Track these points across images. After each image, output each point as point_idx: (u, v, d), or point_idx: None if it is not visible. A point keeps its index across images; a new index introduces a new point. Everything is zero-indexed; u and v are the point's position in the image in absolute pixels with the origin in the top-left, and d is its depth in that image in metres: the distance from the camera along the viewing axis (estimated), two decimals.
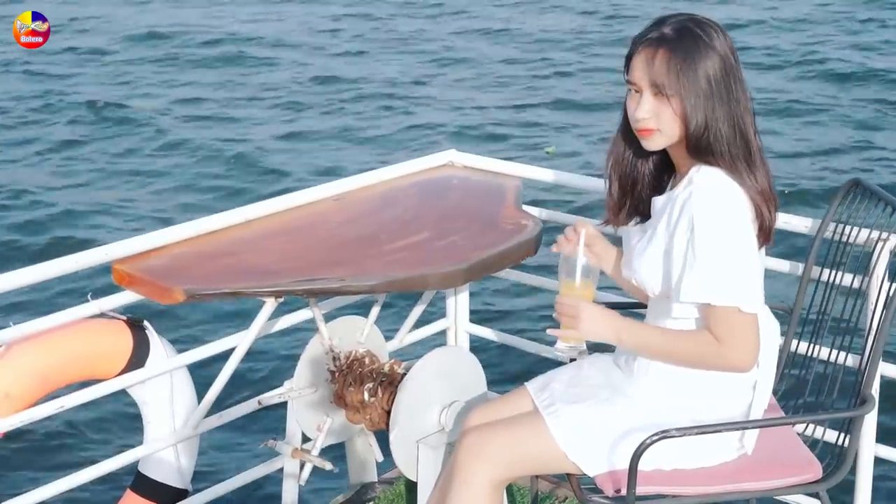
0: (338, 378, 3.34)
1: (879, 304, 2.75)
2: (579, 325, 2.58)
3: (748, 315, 2.49)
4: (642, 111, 2.54)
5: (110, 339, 3.25)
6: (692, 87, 2.47)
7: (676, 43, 2.48)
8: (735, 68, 2.51)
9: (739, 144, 2.50)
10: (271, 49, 14.35)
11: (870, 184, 2.93)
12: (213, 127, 11.15)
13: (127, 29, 15.49)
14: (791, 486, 2.66)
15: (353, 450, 3.67)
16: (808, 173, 9.18)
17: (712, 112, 2.48)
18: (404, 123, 11.16)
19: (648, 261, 2.60)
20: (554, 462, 2.69)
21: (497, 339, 3.99)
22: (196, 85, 12.79)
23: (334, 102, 11.96)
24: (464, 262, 3.00)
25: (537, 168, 3.76)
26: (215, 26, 15.58)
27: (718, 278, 2.46)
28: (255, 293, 2.88)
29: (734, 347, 2.50)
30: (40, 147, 10.57)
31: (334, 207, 3.43)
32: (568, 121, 11.17)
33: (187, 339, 5.66)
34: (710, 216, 2.46)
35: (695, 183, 2.51)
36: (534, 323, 6.11)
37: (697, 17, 2.55)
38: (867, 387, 2.68)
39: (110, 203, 8.95)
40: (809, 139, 10.14)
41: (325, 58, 13.88)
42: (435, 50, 14.11)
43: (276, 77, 13.00)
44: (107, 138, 10.83)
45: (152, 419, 3.35)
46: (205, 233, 3.15)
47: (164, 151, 10.42)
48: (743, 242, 2.48)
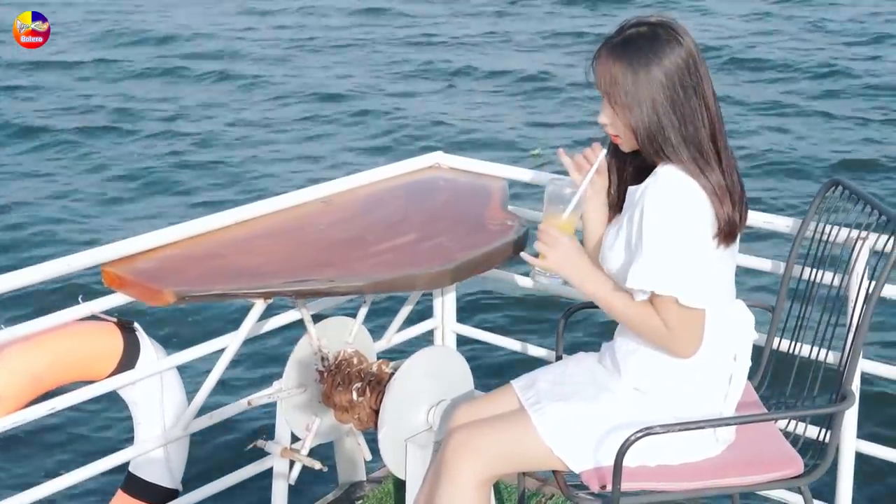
0: (326, 378, 3.37)
1: (859, 302, 2.80)
2: (551, 255, 2.64)
3: (693, 309, 2.54)
4: (601, 118, 2.64)
5: (101, 340, 3.27)
6: (636, 97, 2.54)
7: (623, 53, 2.55)
8: (689, 72, 2.55)
9: (690, 147, 2.54)
10: (252, 55, 14.33)
11: (849, 183, 2.97)
12: (198, 131, 11.15)
13: (119, 28, 15.49)
14: (774, 481, 2.70)
15: (342, 449, 3.70)
16: (789, 173, 9.22)
17: (657, 119, 2.54)
18: (388, 127, 11.17)
19: (616, 252, 2.67)
20: (540, 459, 2.73)
21: (483, 338, 4.03)
22: (179, 88, 12.78)
23: (320, 106, 11.96)
24: (451, 263, 3.03)
25: (522, 169, 3.80)
26: (210, 32, 15.55)
27: (659, 267, 2.52)
28: (244, 295, 2.91)
29: (676, 336, 2.58)
30: (28, 150, 10.56)
31: (322, 209, 3.46)
32: (554, 123, 11.21)
33: (177, 340, 5.67)
34: (658, 208, 2.52)
35: (652, 178, 2.57)
36: (520, 322, 6.14)
37: (657, 22, 2.59)
38: (848, 383, 2.73)
39: (100, 206, 8.95)
40: (790, 139, 10.18)
41: (309, 63, 13.86)
42: (416, 55, 14.11)
43: (263, 83, 12.99)
44: (97, 140, 10.83)
45: (142, 420, 3.37)
46: (194, 235, 3.17)
47: (153, 155, 10.42)
48: (689, 236, 2.53)
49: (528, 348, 3.86)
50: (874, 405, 4.23)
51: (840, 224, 2.96)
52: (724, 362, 2.70)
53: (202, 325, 6.27)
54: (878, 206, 2.79)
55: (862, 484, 3.22)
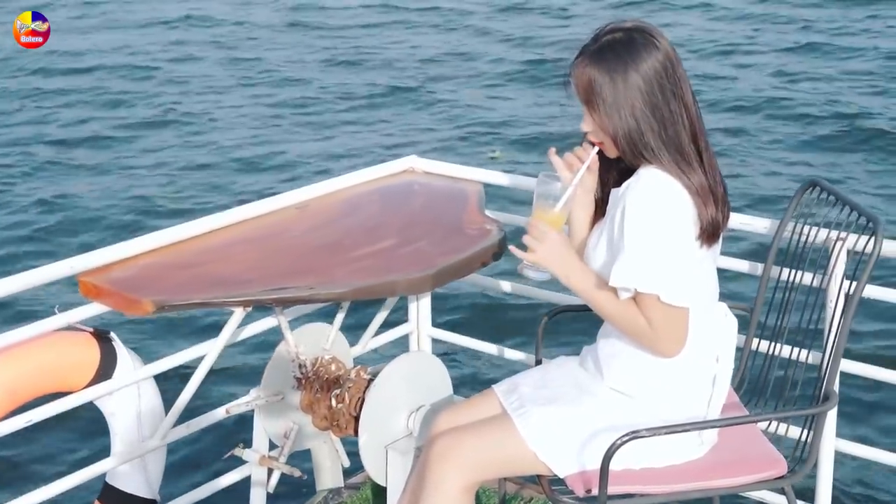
0: (304, 385, 3.36)
1: (839, 302, 2.82)
2: (539, 249, 2.63)
3: (676, 308, 2.55)
4: (584, 126, 2.65)
5: (77, 351, 3.23)
6: (614, 104, 2.54)
7: (600, 60, 2.55)
8: (667, 75, 2.55)
9: (671, 150, 2.55)
10: (228, 58, 14.21)
11: (827, 184, 2.98)
12: (170, 139, 11.04)
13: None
14: (758, 482, 2.71)
15: (320, 456, 3.68)
16: (767, 174, 9.25)
17: (637, 125, 2.54)
18: (359, 132, 11.12)
19: (599, 253, 2.67)
20: (524, 464, 2.73)
21: (459, 342, 4.02)
22: (155, 93, 12.65)
23: (292, 112, 11.89)
24: (430, 268, 3.02)
25: (498, 173, 3.79)
26: (185, 38, 15.42)
27: (641, 265, 2.52)
28: (224, 303, 2.88)
29: (660, 335, 2.58)
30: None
31: (298, 216, 3.44)
32: (512, 122, 11.22)
33: (154, 349, 5.63)
34: (639, 206, 2.52)
35: (634, 178, 2.58)
36: (496, 327, 6.13)
37: (632, 27, 2.59)
38: (830, 383, 2.74)
39: (75, 215, 8.85)
40: (768, 141, 10.22)
41: (280, 67, 13.79)
42: (386, 58, 14.08)
43: (234, 88, 12.88)
44: (70, 148, 10.70)
45: (119, 430, 3.34)
46: (170, 243, 3.14)
47: (126, 162, 10.29)
48: (671, 235, 2.53)
49: (505, 352, 3.86)
50: (851, 404, 4.26)
51: (819, 225, 2.97)
52: (707, 364, 2.71)
53: (179, 332, 6.21)
54: (857, 207, 2.80)
55: (841, 482, 3.23)
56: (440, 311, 5.98)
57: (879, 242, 2.65)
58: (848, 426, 3.53)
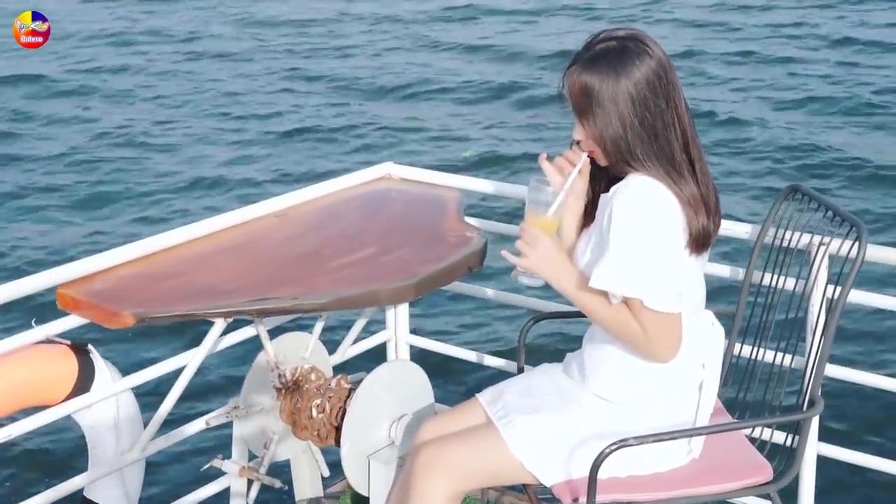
0: (284, 395, 3.33)
1: (822, 307, 2.82)
2: (531, 254, 2.61)
3: (668, 314, 2.54)
4: (576, 134, 2.64)
5: (55, 364, 3.18)
6: (605, 113, 2.53)
7: (593, 68, 2.53)
8: (660, 84, 2.54)
9: (662, 160, 2.54)
10: (195, 66, 14.10)
11: (809, 189, 2.98)
12: (141, 148, 10.92)
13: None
14: (745, 488, 2.71)
15: (299, 466, 3.65)
16: (748, 180, 9.25)
17: (624, 134, 2.53)
18: (330, 139, 11.07)
19: (588, 259, 2.65)
20: (510, 473, 2.72)
21: (438, 349, 4.00)
22: (123, 103, 12.51)
23: (261, 122, 11.81)
24: (413, 277, 3.00)
25: (475, 179, 3.78)
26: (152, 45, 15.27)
27: (623, 268, 2.51)
28: (206, 315, 2.85)
29: (653, 341, 2.57)
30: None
31: (276, 224, 3.41)
32: (486, 124, 11.22)
33: (132, 360, 5.57)
34: (627, 211, 2.51)
35: (623, 183, 2.57)
36: (474, 333, 6.12)
37: (626, 35, 2.57)
38: (815, 388, 2.74)
39: (51, 228, 8.73)
40: (749, 146, 10.23)
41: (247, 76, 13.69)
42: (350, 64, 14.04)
43: (198, 96, 12.77)
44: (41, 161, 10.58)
45: (98, 444, 3.30)
46: (148, 253, 3.10)
47: (100, 172, 10.16)
48: (659, 241, 2.52)
49: (485, 359, 3.85)
50: (827, 406, 4.26)
51: (801, 230, 2.98)
52: (693, 370, 2.70)
53: (157, 342, 6.14)
54: (840, 212, 2.80)
55: (823, 486, 3.24)
56: (418, 318, 5.98)
57: (863, 247, 2.66)
58: (828, 429, 3.54)
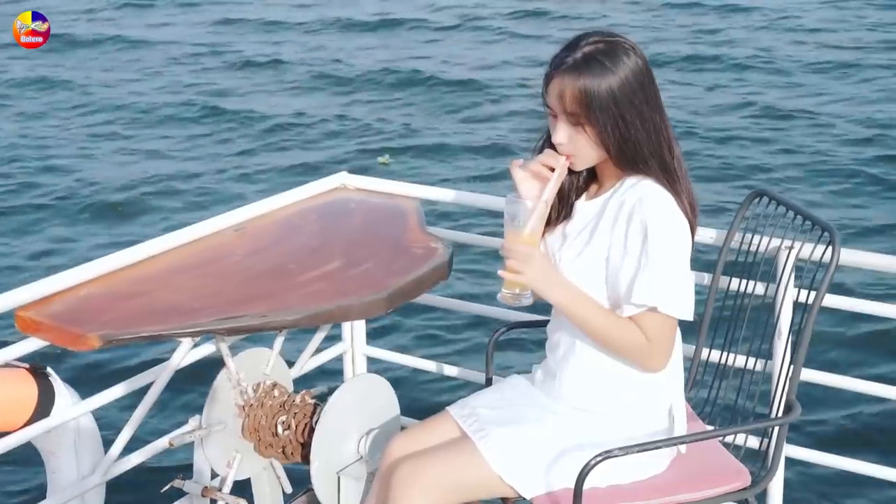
0: (248, 412, 3.27)
1: (790, 311, 2.84)
2: (527, 271, 2.55)
3: (673, 321, 2.56)
4: (559, 137, 2.59)
5: (14, 389, 3.09)
6: (604, 114, 2.51)
7: (586, 69, 2.51)
8: (646, 86, 2.54)
9: (657, 158, 2.55)
10: (148, 79, 13.81)
11: (774, 193, 3.00)
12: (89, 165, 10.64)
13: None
14: (723, 494, 2.71)
15: (261, 483, 3.58)
16: (712, 185, 9.27)
17: (628, 133, 2.52)
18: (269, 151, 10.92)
19: (585, 264, 2.62)
20: (490, 487, 2.68)
21: (396, 360, 3.96)
22: (75, 117, 12.21)
23: (211, 134, 11.60)
24: (383, 291, 2.94)
25: (432, 188, 3.75)
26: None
27: (669, 285, 2.51)
28: (174, 335, 2.77)
29: (657, 349, 2.57)
30: None
31: (235, 239, 3.33)
32: (400, 131, 11.20)
33: (92, 377, 5.43)
34: (665, 223, 2.52)
35: (641, 190, 2.55)
36: (431, 342, 6.08)
37: (610, 38, 2.56)
38: (791, 393, 2.76)
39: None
40: (713, 153, 10.28)
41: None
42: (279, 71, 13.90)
43: (149, 109, 12.49)
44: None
45: (57, 469, 3.21)
46: (108, 272, 3.01)
47: (54, 189, 9.88)
48: (686, 252, 2.55)
49: (445, 369, 3.82)
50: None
51: (767, 234, 2.99)
52: (668, 378, 2.70)
53: (117, 361, 6.00)
54: (810, 217, 2.82)
55: (793, 487, 3.27)
56: (375, 331, 5.91)
57: (837, 251, 2.67)
58: (796, 430, 3.57)
